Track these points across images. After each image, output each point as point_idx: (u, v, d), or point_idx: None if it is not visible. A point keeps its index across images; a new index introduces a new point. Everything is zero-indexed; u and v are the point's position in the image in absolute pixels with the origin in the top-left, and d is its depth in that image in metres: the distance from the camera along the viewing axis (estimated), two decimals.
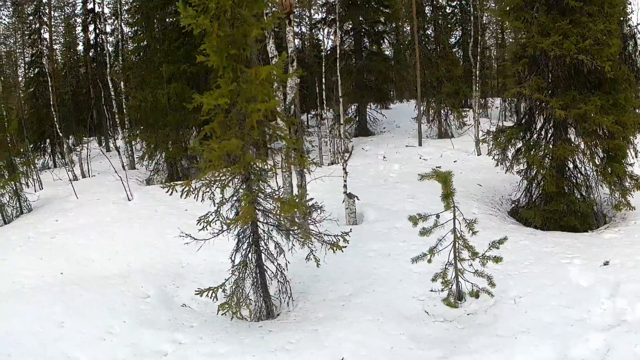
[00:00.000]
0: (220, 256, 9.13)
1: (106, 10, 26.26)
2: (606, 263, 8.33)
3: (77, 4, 31.02)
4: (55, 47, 29.21)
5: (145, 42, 17.69)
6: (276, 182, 10.62)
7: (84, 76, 30.42)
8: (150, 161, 18.15)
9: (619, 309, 6.91)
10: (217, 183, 7.52)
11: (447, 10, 26.31)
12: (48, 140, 26.42)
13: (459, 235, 7.60)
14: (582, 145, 11.79)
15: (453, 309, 7.72)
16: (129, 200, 14.60)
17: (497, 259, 7.52)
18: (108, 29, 28.08)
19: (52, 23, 27.29)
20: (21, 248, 11.27)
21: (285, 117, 8.81)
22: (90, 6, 28.75)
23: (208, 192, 7.70)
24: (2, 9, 27.21)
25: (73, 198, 15.33)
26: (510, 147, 12.64)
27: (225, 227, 7.79)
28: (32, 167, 17.15)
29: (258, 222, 7.96)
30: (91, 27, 28.82)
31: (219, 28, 6.74)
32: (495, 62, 33.39)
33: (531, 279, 8.01)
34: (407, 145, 21.34)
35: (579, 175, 12.34)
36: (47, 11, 26.19)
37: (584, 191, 12.26)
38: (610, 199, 11.97)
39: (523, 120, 13.02)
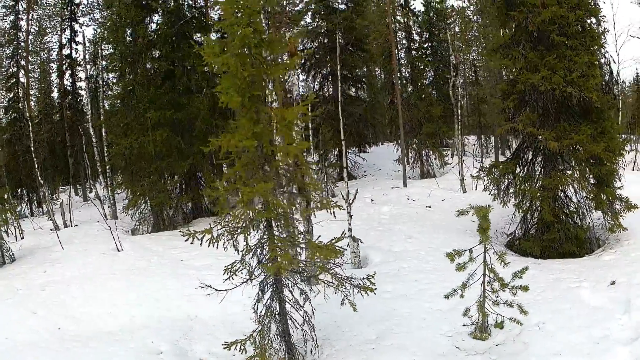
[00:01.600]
0: (232, 307, 9.06)
1: (84, 56, 25.98)
2: (613, 283, 8.85)
3: (53, 50, 30.75)
4: (31, 92, 28.70)
5: (129, 88, 17.42)
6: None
7: (58, 124, 29.89)
8: (135, 210, 17.73)
9: (636, 322, 7.35)
10: (239, 229, 7.24)
11: (421, 52, 26.73)
12: (24, 188, 25.67)
13: (489, 267, 7.80)
14: (576, 174, 12.25)
15: (481, 342, 7.85)
16: (119, 250, 14.18)
17: (525, 288, 7.70)
18: (83, 75, 27.86)
19: (29, 67, 26.93)
20: (11, 301, 10.76)
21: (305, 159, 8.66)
22: (66, 52, 28.51)
23: (230, 239, 7.57)
24: None
25: (58, 248, 14.82)
26: (505, 181, 13.05)
27: (248, 276, 7.72)
28: (14, 215, 16.56)
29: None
30: (68, 73, 28.42)
31: (243, 68, 6.62)
32: (467, 101, 34.00)
33: (548, 305, 8.19)
34: (392, 187, 21.45)
35: (570, 203, 12.75)
36: (24, 54, 25.86)
37: (576, 218, 12.67)
38: (604, 222, 12.40)
39: (517, 154, 13.40)
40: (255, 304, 7.96)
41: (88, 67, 25.46)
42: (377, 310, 9.12)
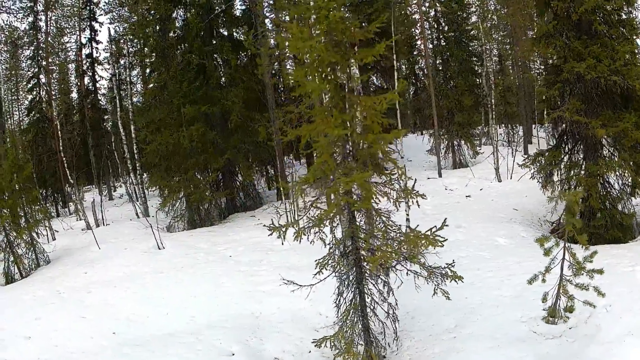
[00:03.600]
0: (297, 302, 8.70)
1: (105, 55, 25.65)
2: None
3: (71, 50, 30.43)
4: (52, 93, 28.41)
5: (162, 83, 16.95)
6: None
7: (79, 124, 29.59)
8: (170, 207, 17.27)
9: None
10: (326, 221, 6.75)
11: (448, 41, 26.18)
12: (50, 189, 25.32)
13: (570, 251, 7.60)
14: (622, 162, 12.19)
15: (554, 326, 7.70)
16: (159, 248, 13.68)
17: (600, 271, 7.54)
18: (107, 74, 27.57)
19: (49, 68, 26.63)
20: (54, 305, 10.17)
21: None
22: (87, 51, 28.14)
23: (318, 232, 7.07)
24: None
25: (95, 248, 14.34)
26: (553, 169, 13.09)
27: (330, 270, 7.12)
28: (47, 216, 16.10)
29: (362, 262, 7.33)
30: (89, 73, 28.07)
31: (328, 54, 6.10)
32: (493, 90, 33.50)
33: (609, 289, 7.82)
34: (428, 178, 21.19)
35: (612, 189, 12.72)
36: (44, 55, 25.55)
37: (619, 205, 12.60)
38: None
39: (559, 143, 13.38)
40: (337, 298, 7.58)
41: (112, 65, 25.00)
42: (449, 300, 8.63)
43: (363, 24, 10.37)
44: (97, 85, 28.21)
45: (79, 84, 29.88)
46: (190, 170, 16.55)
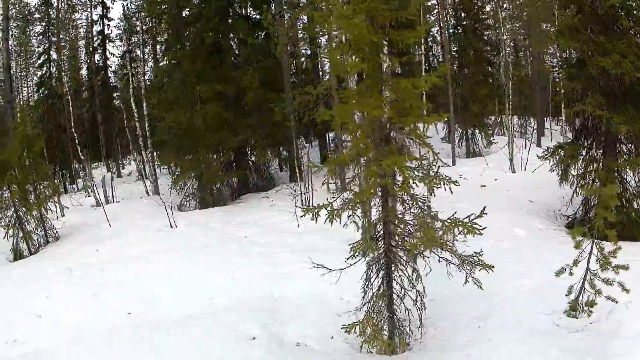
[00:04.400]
0: (318, 286, 8.46)
1: (117, 32, 25.31)
2: None
3: (82, 27, 30.10)
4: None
5: (177, 61, 16.63)
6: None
7: (88, 101, 29.33)
8: (182, 186, 17.05)
9: None
10: (357, 204, 6.52)
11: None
12: (58, 165, 25.09)
13: (598, 246, 7.57)
14: None
15: (576, 320, 7.66)
16: (172, 227, 13.47)
17: (625, 267, 7.45)
18: (117, 51, 27.25)
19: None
20: (65, 283, 9.95)
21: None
22: (98, 28, 27.81)
23: (351, 215, 6.84)
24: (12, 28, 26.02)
25: (105, 225, 14.15)
26: (571, 163, 13.00)
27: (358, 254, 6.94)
28: (58, 192, 15.84)
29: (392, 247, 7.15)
30: (99, 50, 27.76)
31: (369, 33, 5.98)
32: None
33: (629, 286, 7.66)
34: (442, 166, 20.62)
35: (628, 186, 12.61)
36: (55, 31, 25.24)
37: (635, 203, 12.49)
38: None
39: (578, 137, 13.38)
40: (365, 284, 7.37)
41: (125, 42, 24.69)
42: (471, 289, 8.36)
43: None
44: (108, 62, 27.89)
45: (88, 61, 29.61)
46: (204, 149, 16.29)
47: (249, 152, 18.63)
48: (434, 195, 6.96)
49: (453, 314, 8.16)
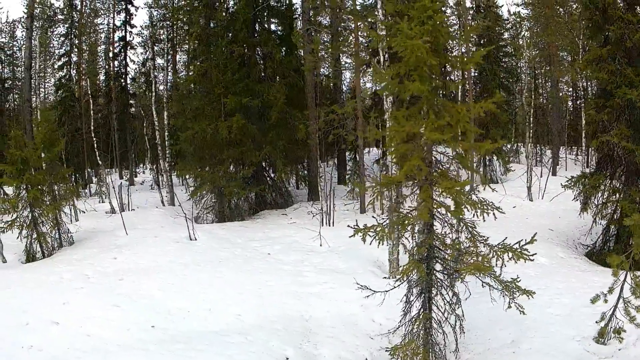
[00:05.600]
0: (348, 307, 8.63)
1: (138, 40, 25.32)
2: None
3: (102, 32, 30.13)
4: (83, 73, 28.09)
5: (204, 71, 16.50)
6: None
7: (105, 106, 29.23)
8: (199, 198, 16.86)
9: None
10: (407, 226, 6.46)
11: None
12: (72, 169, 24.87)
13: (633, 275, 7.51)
14: None
15: (604, 347, 7.64)
16: (191, 240, 13.22)
17: None
18: (138, 58, 27.20)
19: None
20: (83, 290, 9.61)
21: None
22: (120, 34, 27.81)
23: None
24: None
25: (122, 233, 13.95)
26: (594, 192, 13.24)
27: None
28: (76, 196, 15.62)
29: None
30: (121, 56, 27.74)
31: (428, 56, 5.91)
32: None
33: None
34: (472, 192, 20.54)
35: None
36: (78, 34, 25.26)
37: None
38: None
39: (600, 166, 13.62)
40: (405, 306, 7.29)
41: (147, 49, 24.66)
42: (501, 315, 8.34)
43: None
44: (127, 69, 27.82)
45: (106, 66, 29.59)
46: (226, 162, 16.11)
47: (268, 167, 18.43)
48: (484, 221, 6.88)
49: (485, 339, 8.10)
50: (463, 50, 23.28)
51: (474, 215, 6.80)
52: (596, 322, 7.81)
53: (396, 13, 8.71)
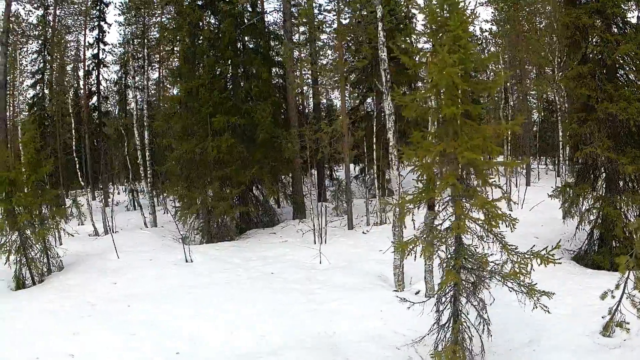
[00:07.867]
0: (368, 321, 8.87)
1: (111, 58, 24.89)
2: None
3: (73, 48, 29.60)
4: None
5: (189, 90, 16.42)
6: None
7: (76, 126, 28.60)
8: (185, 219, 16.68)
9: None
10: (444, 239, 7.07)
11: None
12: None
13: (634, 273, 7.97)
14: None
15: (611, 339, 8.23)
16: (187, 261, 13.11)
17: None
18: (112, 76, 26.81)
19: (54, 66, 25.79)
20: (91, 319, 9.36)
21: None
22: (93, 52, 27.40)
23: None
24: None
25: (112, 256, 13.72)
26: (578, 201, 13.70)
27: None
28: (64, 218, 15.20)
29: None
30: (94, 74, 27.33)
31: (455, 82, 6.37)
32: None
33: None
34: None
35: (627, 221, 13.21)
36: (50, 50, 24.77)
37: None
38: None
39: (582, 176, 14.15)
40: (438, 317, 7.61)
41: (122, 67, 24.36)
42: (513, 317, 8.79)
43: None
44: (100, 87, 27.38)
45: (75, 85, 29.03)
46: (215, 182, 16.01)
47: (253, 186, 18.42)
48: (512, 232, 7.28)
49: (505, 340, 8.37)
50: None
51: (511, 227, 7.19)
52: (602, 317, 8.39)
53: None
